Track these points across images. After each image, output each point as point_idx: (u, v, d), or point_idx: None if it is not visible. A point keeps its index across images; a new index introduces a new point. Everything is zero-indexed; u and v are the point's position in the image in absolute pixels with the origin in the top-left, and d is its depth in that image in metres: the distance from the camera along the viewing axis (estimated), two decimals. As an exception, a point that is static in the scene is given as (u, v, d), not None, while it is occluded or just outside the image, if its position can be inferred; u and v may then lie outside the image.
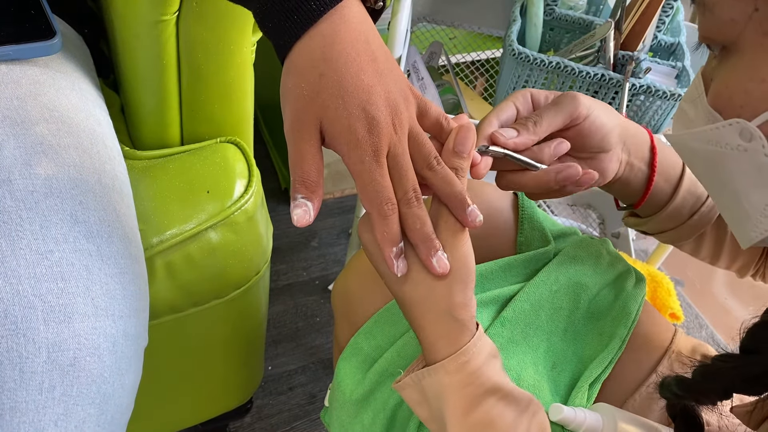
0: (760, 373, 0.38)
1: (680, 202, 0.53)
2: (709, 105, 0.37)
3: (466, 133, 0.44)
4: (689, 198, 0.54)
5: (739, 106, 0.35)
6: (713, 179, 0.40)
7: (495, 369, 0.44)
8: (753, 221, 0.37)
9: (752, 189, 0.36)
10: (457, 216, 0.43)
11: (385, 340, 0.58)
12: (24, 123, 0.45)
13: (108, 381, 0.42)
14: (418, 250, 0.43)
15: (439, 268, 0.42)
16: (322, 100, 0.39)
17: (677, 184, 0.53)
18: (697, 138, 0.38)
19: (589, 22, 0.93)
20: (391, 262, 0.42)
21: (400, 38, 0.80)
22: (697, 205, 0.54)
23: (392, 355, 0.56)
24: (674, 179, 0.53)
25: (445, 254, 0.42)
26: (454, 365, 0.43)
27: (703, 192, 0.54)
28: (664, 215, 0.54)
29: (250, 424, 1.08)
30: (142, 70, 0.60)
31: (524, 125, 0.48)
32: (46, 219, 0.42)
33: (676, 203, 0.53)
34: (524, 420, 0.44)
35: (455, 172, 0.44)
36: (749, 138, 0.35)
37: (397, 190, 0.42)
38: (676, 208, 0.54)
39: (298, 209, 0.40)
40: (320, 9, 0.39)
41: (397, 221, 0.42)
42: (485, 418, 0.43)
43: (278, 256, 1.31)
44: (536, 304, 0.58)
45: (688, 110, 0.40)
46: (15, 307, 0.39)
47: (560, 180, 0.48)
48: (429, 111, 0.45)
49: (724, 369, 0.40)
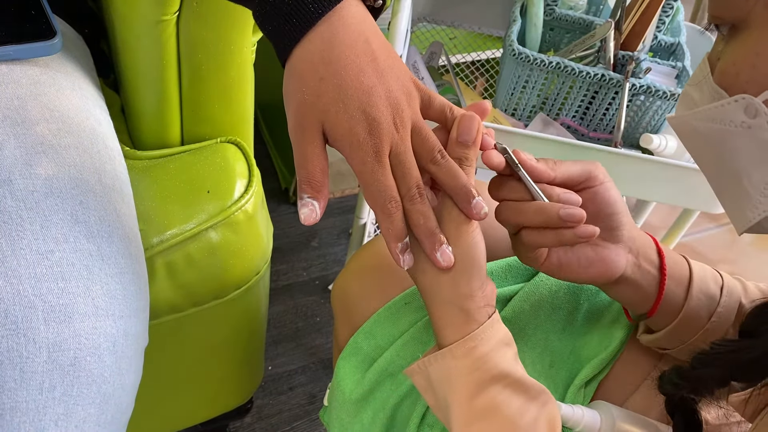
0: (758, 356, 0.38)
1: (695, 303, 0.50)
2: (715, 83, 0.37)
3: (470, 121, 0.44)
4: (703, 299, 0.50)
5: (745, 81, 0.35)
6: (713, 159, 0.40)
7: (505, 356, 0.44)
8: (753, 201, 0.37)
9: (753, 167, 0.36)
10: (462, 208, 0.43)
11: (384, 340, 0.58)
12: (24, 123, 0.45)
13: (108, 381, 0.42)
14: (422, 245, 0.43)
15: (443, 262, 0.43)
16: (323, 103, 0.40)
17: (688, 286, 0.50)
18: (701, 117, 0.38)
19: (589, 22, 0.93)
20: (397, 256, 0.43)
21: (400, 38, 0.80)
22: (713, 307, 0.50)
23: (392, 355, 0.56)
24: (684, 281, 0.50)
25: (449, 248, 0.43)
26: (462, 350, 0.43)
27: (715, 292, 0.50)
28: (682, 323, 0.50)
29: (250, 424, 1.08)
30: (142, 70, 0.60)
31: (544, 160, 0.47)
32: (47, 219, 0.42)
33: (692, 306, 0.50)
34: (532, 408, 0.43)
35: (460, 162, 0.44)
36: (754, 114, 0.35)
37: (401, 187, 0.42)
38: (692, 310, 0.50)
39: (305, 208, 0.41)
40: (318, 11, 0.39)
41: (400, 218, 0.42)
42: (490, 404, 0.43)
43: (278, 256, 1.31)
44: (536, 304, 0.58)
45: (692, 93, 0.40)
46: (15, 307, 0.39)
47: (563, 215, 0.44)
48: (434, 103, 0.45)
49: (721, 353, 0.40)
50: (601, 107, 0.87)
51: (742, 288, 0.51)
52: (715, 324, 0.50)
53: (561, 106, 0.89)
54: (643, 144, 0.84)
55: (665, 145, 0.83)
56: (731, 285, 0.51)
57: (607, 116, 0.88)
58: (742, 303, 0.50)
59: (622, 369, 0.57)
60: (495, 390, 0.43)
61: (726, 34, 0.37)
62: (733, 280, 0.52)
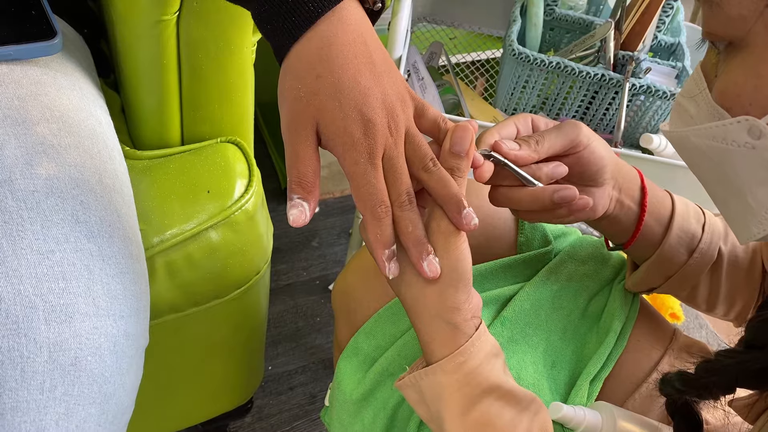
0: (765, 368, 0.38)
1: (675, 241, 0.53)
2: (714, 102, 0.37)
3: (463, 132, 0.44)
4: (683, 236, 0.53)
5: (747, 103, 0.35)
6: (714, 175, 0.40)
7: (494, 368, 0.44)
8: (758, 217, 0.37)
9: (758, 185, 0.36)
10: (451, 218, 0.43)
11: (385, 340, 0.58)
12: (25, 123, 0.45)
13: (109, 381, 0.42)
14: (409, 253, 0.42)
15: (429, 272, 0.42)
16: (319, 101, 0.40)
17: (668, 224, 0.53)
18: (701, 134, 0.38)
19: (589, 22, 0.93)
20: (383, 264, 0.42)
21: (400, 38, 0.80)
22: (693, 244, 0.53)
23: (392, 355, 0.56)
24: (665, 219, 0.53)
25: (436, 258, 0.42)
26: (452, 365, 0.43)
27: (696, 229, 0.53)
28: (661, 257, 0.53)
29: (250, 424, 1.08)
30: (142, 70, 0.60)
31: (526, 142, 0.47)
32: (48, 219, 0.42)
33: (671, 242, 0.52)
34: (524, 419, 0.43)
35: (452, 172, 0.43)
36: (758, 135, 0.34)
37: (391, 192, 0.42)
38: (671, 247, 0.53)
39: (294, 209, 0.40)
40: (318, 11, 0.39)
41: (390, 224, 0.42)
42: (483, 418, 0.42)
43: (278, 256, 1.31)
44: (536, 303, 0.58)
45: (688, 106, 0.40)
46: (16, 307, 0.39)
47: (557, 199, 0.47)
48: (426, 113, 0.45)
49: (727, 364, 0.40)
50: (601, 107, 0.87)
51: (724, 231, 0.54)
52: (697, 260, 0.53)
53: (561, 106, 0.89)
54: (643, 144, 0.84)
55: (665, 145, 0.83)
56: (713, 223, 0.53)
57: (607, 116, 0.88)
58: (721, 247, 0.53)
59: (622, 369, 0.57)
60: (487, 403, 0.43)
61: (723, 51, 0.37)
62: (716, 219, 0.54)
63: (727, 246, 0.54)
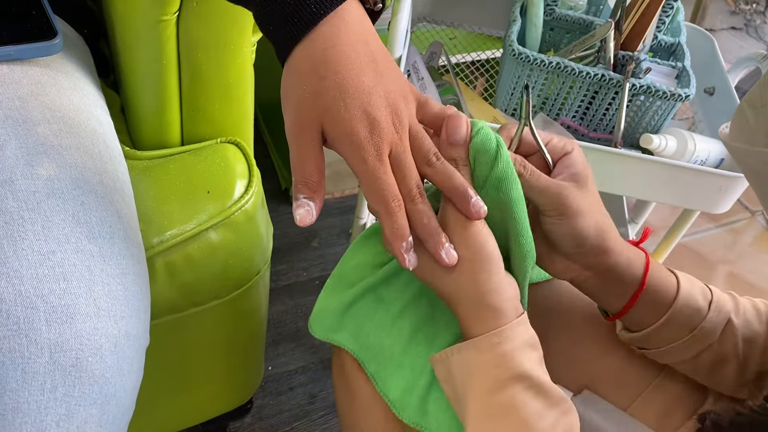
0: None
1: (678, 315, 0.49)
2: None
3: (456, 121, 0.44)
4: (687, 311, 0.49)
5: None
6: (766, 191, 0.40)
7: (529, 358, 0.44)
8: None
9: None
10: (460, 208, 0.43)
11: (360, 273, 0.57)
12: (25, 123, 0.45)
13: (110, 381, 0.42)
14: (427, 245, 0.43)
15: (448, 260, 0.43)
16: (324, 102, 0.40)
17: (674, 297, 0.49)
18: (756, 157, 0.38)
19: (589, 22, 0.93)
20: (402, 256, 0.43)
21: (400, 38, 0.80)
22: (697, 320, 0.49)
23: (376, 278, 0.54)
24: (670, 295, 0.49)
25: (452, 246, 0.43)
26: (486, 344, 0.43)
27: (702, 305, 0.49)
28: (661, 329, 0.50)
29: (250, 424, 1.08)
30: (142, 70, 0.60)
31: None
32: (48, 220, 0.42)
33: (674, 316, 0.49)
34: (551, 415, 0.42)
35: (455, 163, 0.44)
36: None
37: (401, 188, 0.42)
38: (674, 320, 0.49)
39: (301, 209, 0.40)
40: (320, 12, 0.39)
41: (404, 216, 0.43)
42: (508, 402, 0.42)
43: (278, 256, 1.31)
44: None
45: (749, 115, 0.39)
46: (17, 308, 0.39)
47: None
48: (429, 107, 0.46)
49: (760, 422, 0.40)
50: (601, 107, 0.87)
51: (733, 305, 0.51)
52: (697, 337, 0.49)
53: (561, 106, 0.89)
54: (643, 144, 0.84)
55: (665, 145, 0.83)
56: (721, 301, 0.50)
57: (607, 116, 0.88)
58: (732, 319, 0.49)
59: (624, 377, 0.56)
60: (515, 390, 0.42)
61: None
62: (724, 296, 0.51)
63: (739, 317, 0.51)
